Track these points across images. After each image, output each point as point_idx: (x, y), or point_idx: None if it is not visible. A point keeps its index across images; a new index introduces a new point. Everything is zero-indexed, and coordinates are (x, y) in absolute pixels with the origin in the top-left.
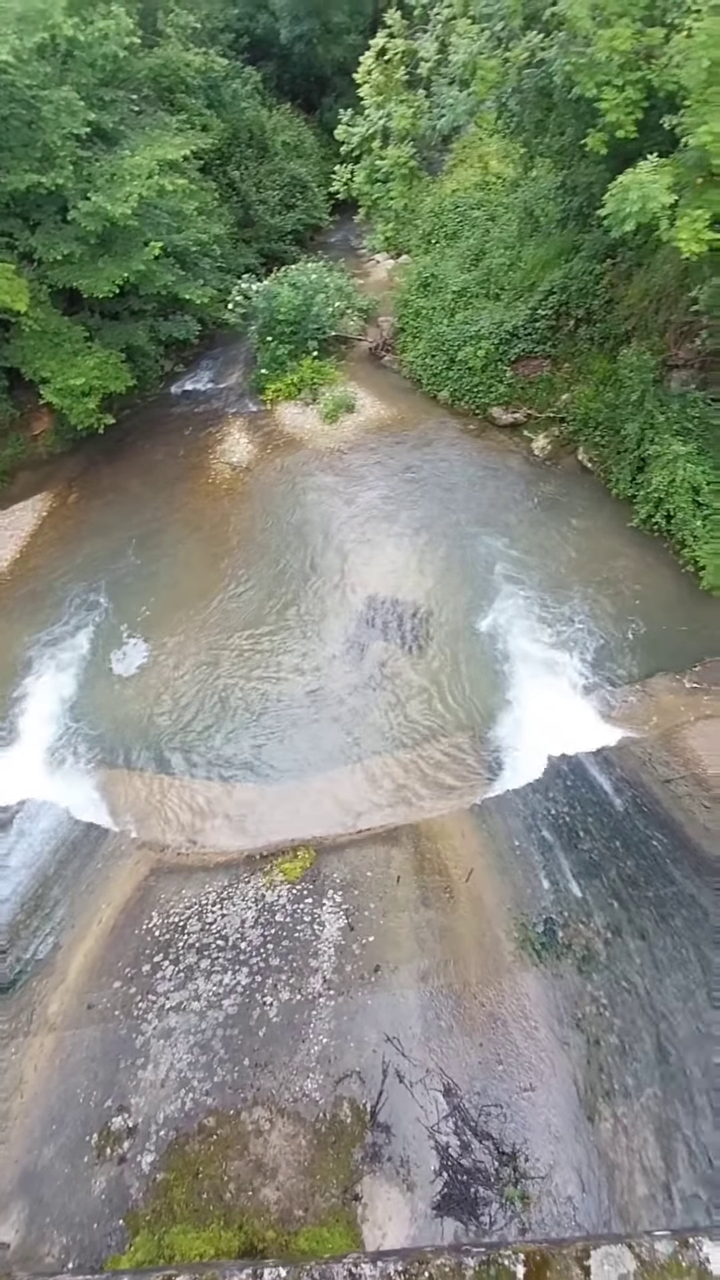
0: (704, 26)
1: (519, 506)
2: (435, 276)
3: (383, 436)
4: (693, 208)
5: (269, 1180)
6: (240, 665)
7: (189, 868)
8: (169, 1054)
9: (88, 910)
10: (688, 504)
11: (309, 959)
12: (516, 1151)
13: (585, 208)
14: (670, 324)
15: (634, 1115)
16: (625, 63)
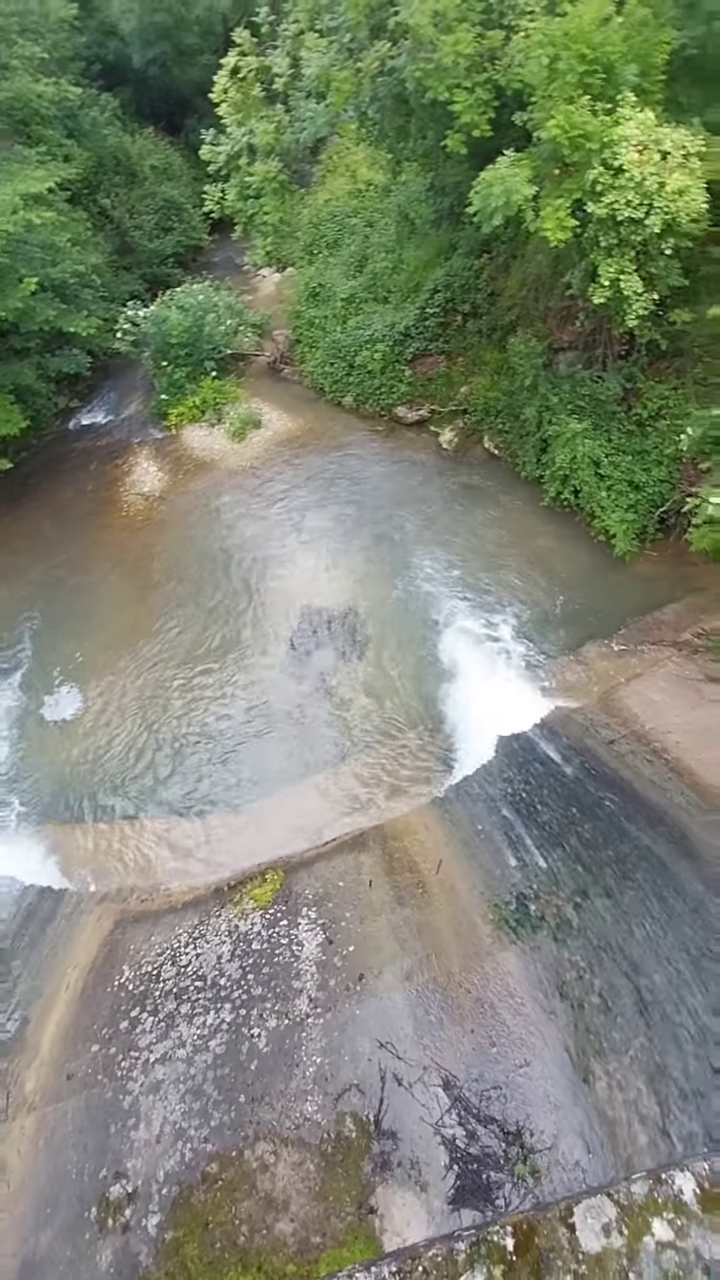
0: (538, 27)
1: (435, 500)
2: (323, 286)
3: (293, 448)
4: (553, 198)
5: (281, 1214)
6: (181, 697)
7: (156, 912)
8: (160, 1108)
9: (53, 977)
10: (591, 478)
11: (291, 981)
12: (521, 1129)
13: (456, 206)
14: (550, 310)
15: (625, 1069)
16: (471, 65)
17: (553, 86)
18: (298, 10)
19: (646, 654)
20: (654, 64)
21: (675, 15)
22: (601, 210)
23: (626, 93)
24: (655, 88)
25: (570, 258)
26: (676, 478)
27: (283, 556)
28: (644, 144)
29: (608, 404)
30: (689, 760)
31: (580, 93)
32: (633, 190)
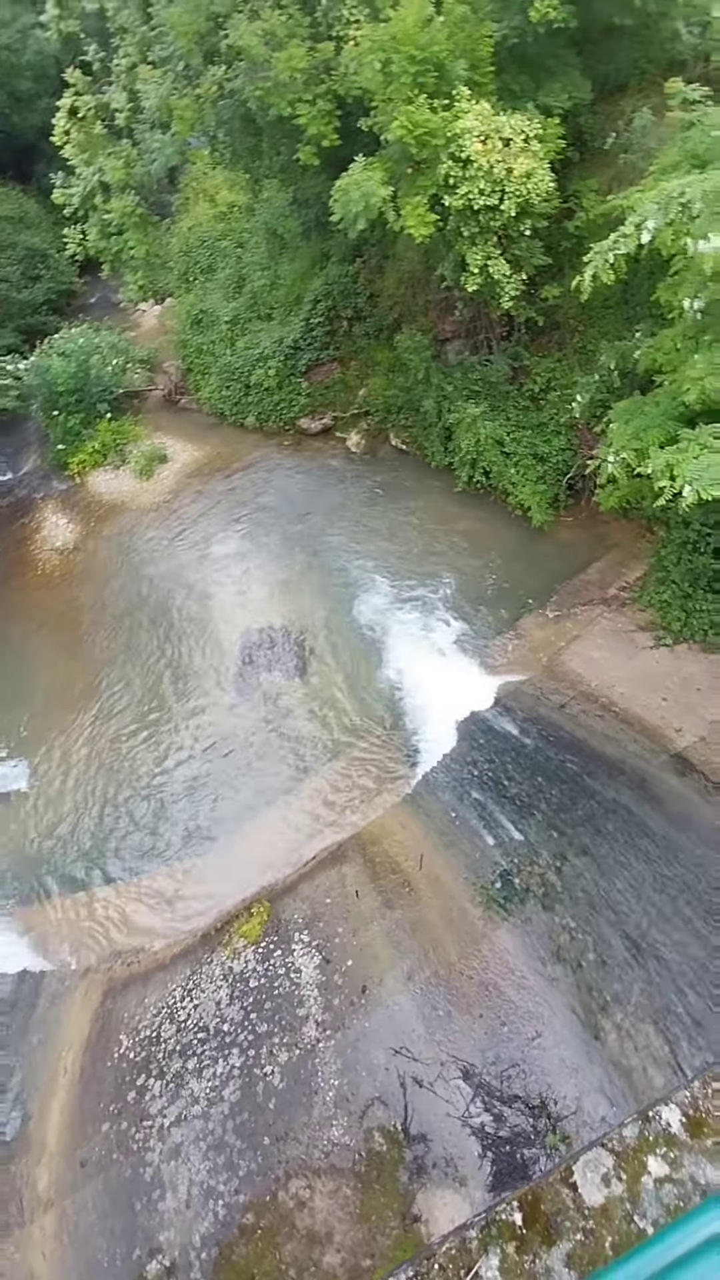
0: (365, 34)
1: (353, 504)
2: (205, 312)
3: (204, 476)
4: (410, 196)
5: (326, 1247)
6: (132, 749)
7: (144, 974)
8: (184, 1171)
9: (48, 1064)
10: (497, 457)
11: (295, 1010)
12: (545, 1100)
13: (321, 217)
14: (430, 303)
15: (631, 1017)
16: (308, 78)
17: (390, 89)
18: (127, 45)
19: (580, 615)
20: (481, 57)
21: (493, 9)
22: (458, 202)
23: (460, 87)
24: (486, 79)
25: (438, 251)
26: (575, 444)
27: (212, 585)
28: (485, 134)
29: (500, 385)
30: (635, 708)
31: (417, 92)
32: (483, 179)
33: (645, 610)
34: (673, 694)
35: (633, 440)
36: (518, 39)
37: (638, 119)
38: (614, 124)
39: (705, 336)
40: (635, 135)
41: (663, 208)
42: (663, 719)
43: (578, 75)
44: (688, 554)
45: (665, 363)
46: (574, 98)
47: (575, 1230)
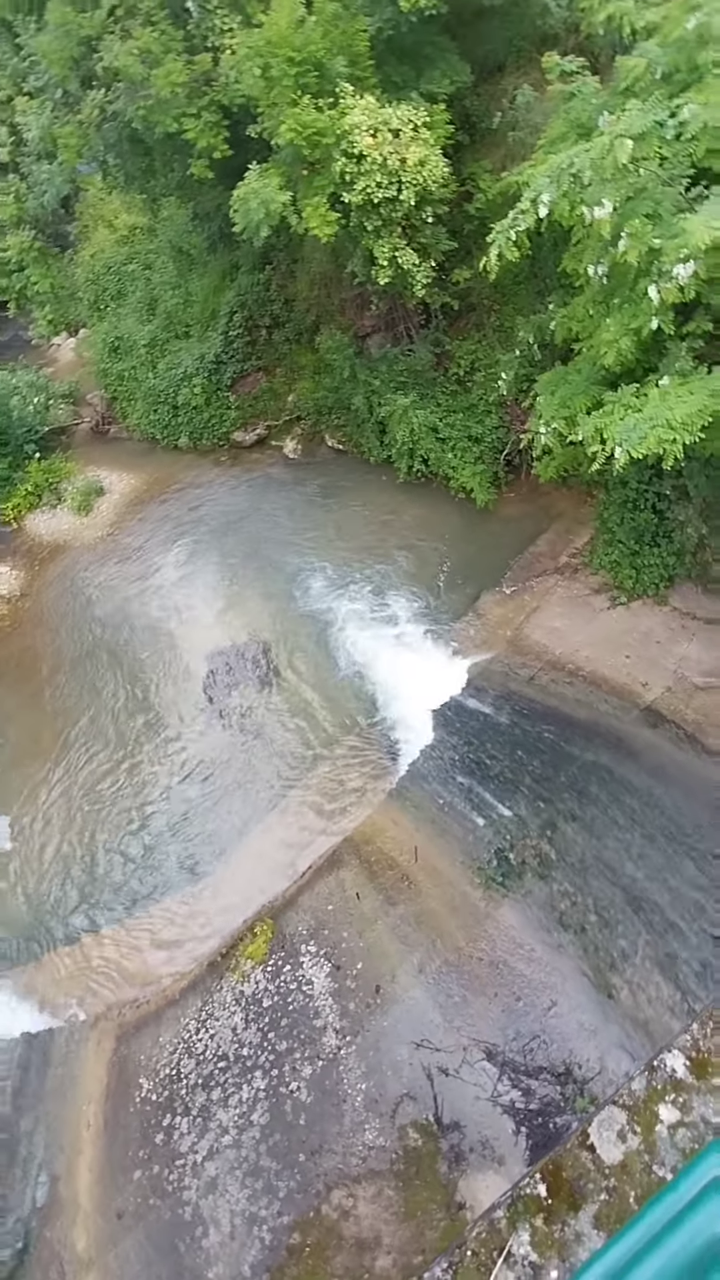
0: (241, 42)
1: (298, 510)
2: (121, 338)
3: (144, 504)
4: (309, 197)
5: (376, 1251)
6: (111, 791)
7: (155, 1013)
8: (224, 1204)
9: (69, 1122)
10: (433, 444)
11: (312, 1021)
12: (569, 1066)
13: (224, 228)
14: (345, 301)
15: (639, 970)
16: (190, 92)
17: (273, 94)
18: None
19: (536, 587)
20: (359, 52)
21: (364, 3)
22: (357, 198)
23: (343, 84)
24: (367, 73)
25: (346, 248)
26: (507, 421)
27: (167, 613)
28: (374, 127)
29: (425, 373)
30: (601, 670)
31: (300, 94)
32: (379, 172)
33: (597, 573)
34: (635, 650)
35: (561, 409)
36: (392, 30)
37: (520, 96)
38: (498, 103)
39: (614, 300)
40: (520, 112)
41: (555, 180)
42: (629, 676)
43: (456, 60)
44: (629, 512)
45: (580, 330)
46: (455, 82)
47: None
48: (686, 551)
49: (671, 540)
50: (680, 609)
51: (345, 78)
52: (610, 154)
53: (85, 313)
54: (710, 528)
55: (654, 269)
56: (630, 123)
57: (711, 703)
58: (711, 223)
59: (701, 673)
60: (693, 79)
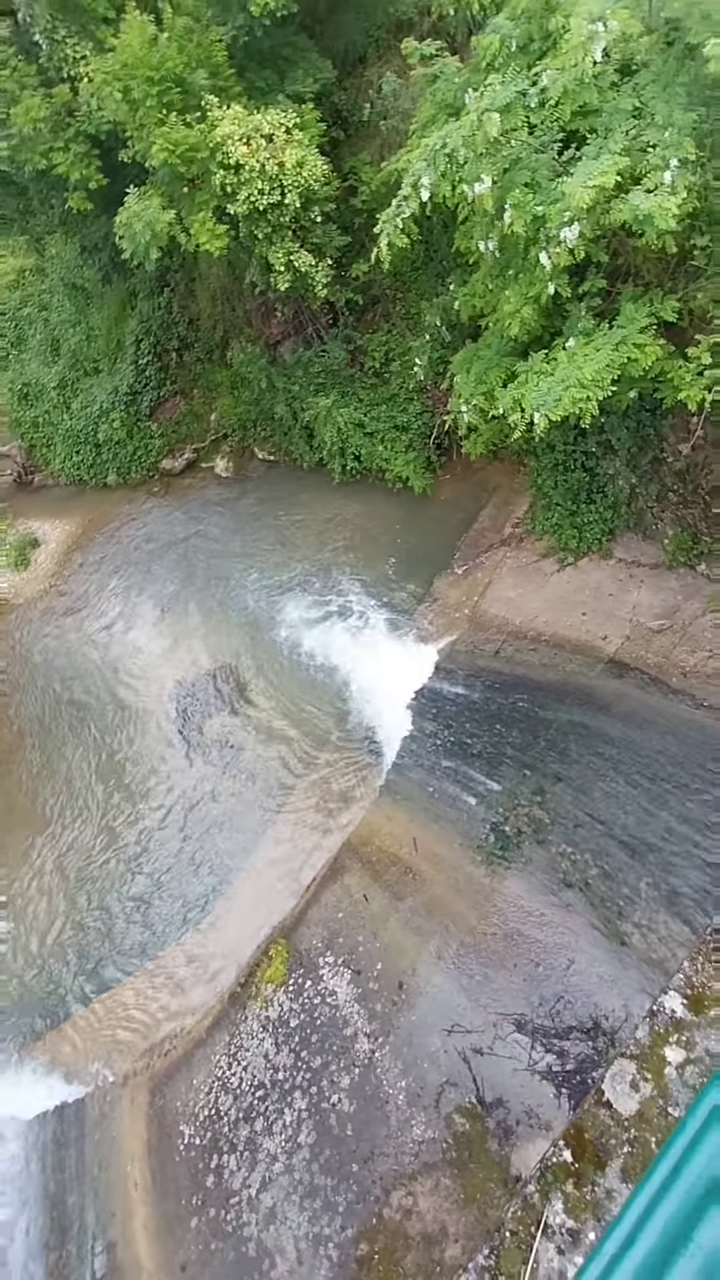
0: (97, 68)
1: (240, 527)
2: (28, 384)
3: (83, 549)
4: (193, 213)
5: (444, 1242)
6: (99, 846)
7: (184, 1056)
8: (286, 1231)
9: (116, 1186)
10: (362, 440)
11: (343, 1031)
12: (596, 1020)
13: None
14: (250, 312)
15: (646, 913)
16: (54, 126)
17: (139, 116)
18: None
19: (486, 563)
20: (218, 62)
21: (214, 13)
22: (241, 207)
23: (207, 96)
24: (230, 83)
25: (241, 259)
26: (430, 406)
27: (127, 652)
28: (247, 135)
29: (342, 371)
30: (561, 631)
31: (166, 113)
32: (259, 179)
33: (542, 539)
34: (589, 607)
35: (478, 386)
36: (248, 36)
37: (385, 85)
38: (366, 95)
39: (509, 272)
40: (388, 101)
41: (431, 163)
42: (588, 632)
43: (316, 57)
44: (561, 475)
45: (483, 306)
46: (319, 80)
47: (621, 1145)
48: (621, 503)
49: (605, 495)
50: (625, 559)
51: (209, 90)
52: (480, 129)
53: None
54: (639, 476)
55: (541, 236)
56: (494, 97)
57: (669, 643)
58: (588, 183)
59: (654, 616)
60: (547, 46)
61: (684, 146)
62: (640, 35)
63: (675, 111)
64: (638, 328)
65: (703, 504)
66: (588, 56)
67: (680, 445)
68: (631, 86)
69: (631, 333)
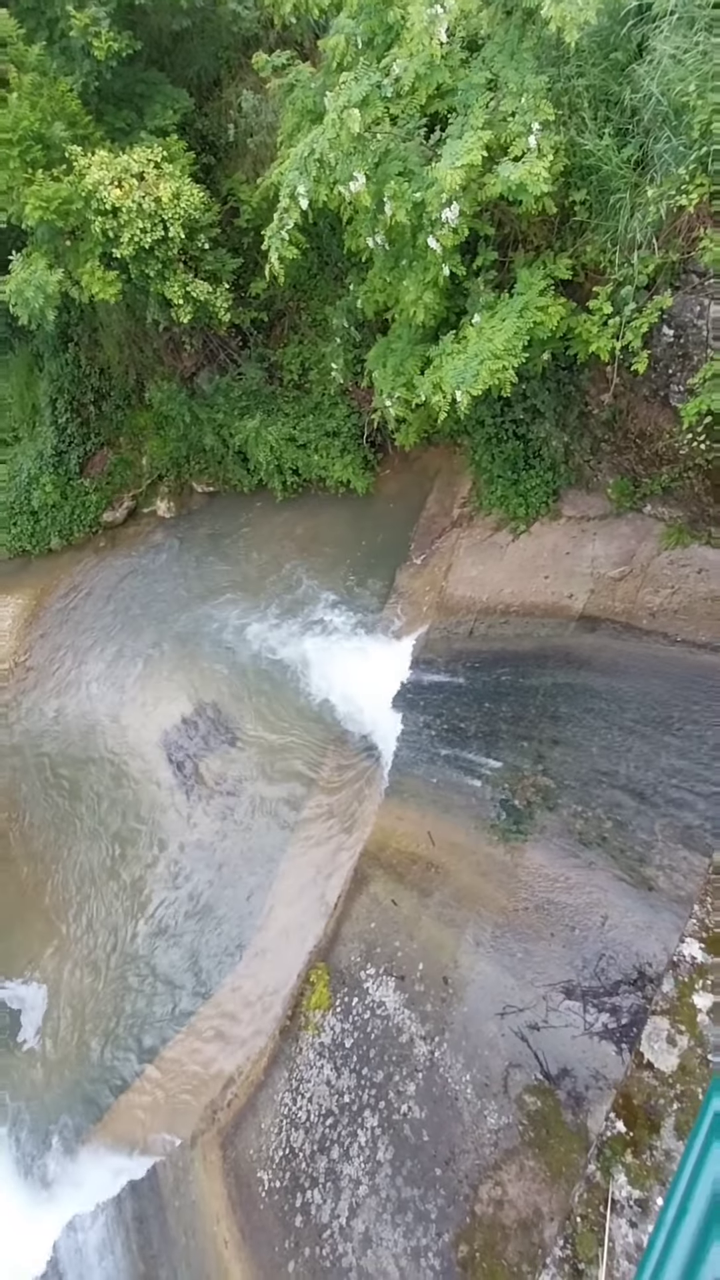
0: None
1: (192, 567)
2: None
3: (40, 619)
4: (80, 265)
5: (541, 1223)
6: (117, 920)
7: (248, 1103)
8: (384, 1252)
9: (206, 1249)
10: (296, 453)
11: (398, 1039)
12: (640, 970)
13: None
14: (158, 350)
15: (665, 853)
16: None
17: (4, 179)
18: None
19: (441, 548)
20: (73, 112)
21: (59, 64)
22: (127, 250)
23: (70, 147)
24: (90, 130)
25: (138, 301)
26: (356, 406)
27: (107, 713)
28: (117, 178)
29: (262, 390)
30: (528, 598)
31: (31, 171)
32: (139, 218)
33: (491, 513)
34: (550, 569)
35: (396, 378)
36: (98, 81)
37: (244, 103)
38: (228, 116)
39: (402, 262)
40: (250, 118)
41: (303, 171)
42: (554, 594)
43: (171, 89)
44: (496, 447)
45: (385, 299)
46: (178, 110)
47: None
48: (558, 463)
49: (542, 458)
50: (574, 516)
51: (70, 140)
52: (343, 129)
53: None
54: (570, 434)
55: (425, 221)
56: (350, 93)
57: (632, 588)
58: (456, 163)
59: (613, 565)
60: (391, 38)
61: (542, 109)
62: (479, 10)
63: (527, 77)
64: (536, 291)
65: (635, 448)
66: (433, 40)
67: (602, 396)
68: (480, 60)
69: (532, 297)
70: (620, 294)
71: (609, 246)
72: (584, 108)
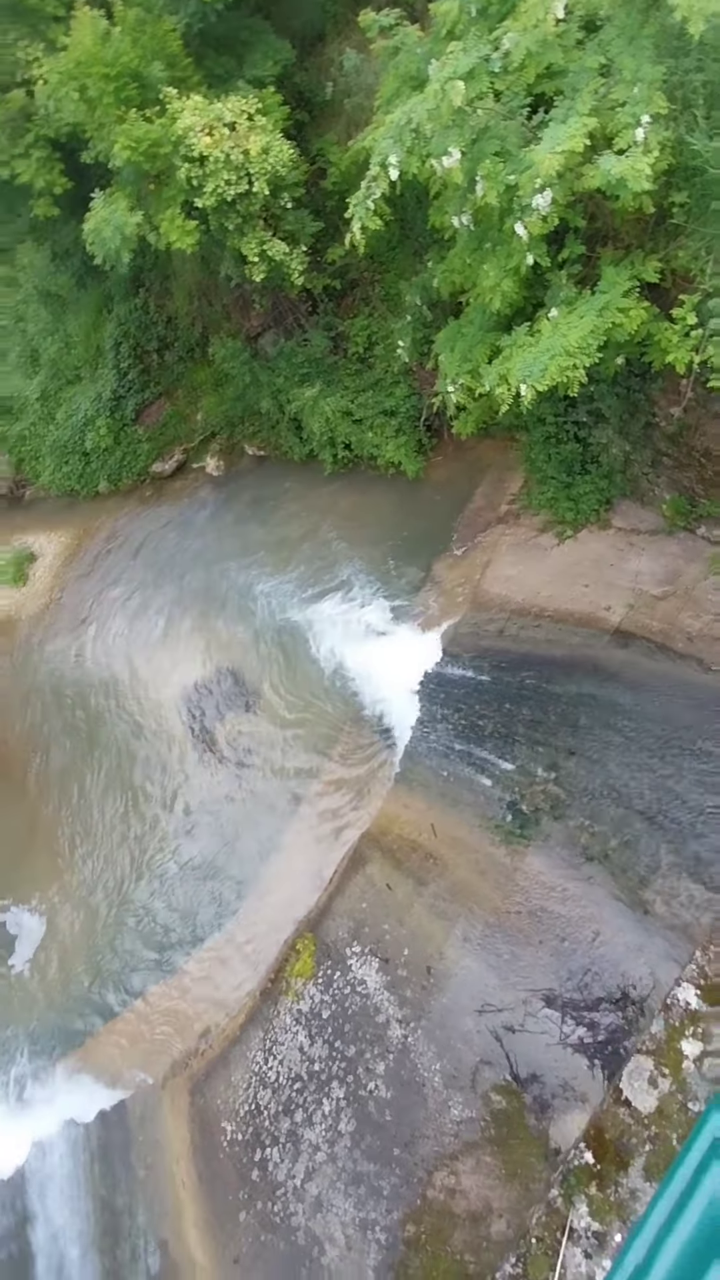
0: (50, 69)
1: (233, 528)
2: (10, 398)
3: (80, 560)
4: (161, 211)
5: (490, 1218)
6: (124, 857)
7: (221, 1055)
8: (333, 1218)
9: (163, 1185)
10: (351, 428)
11: (375, 1019)
12: (624, 990)
13: (87, 262)
14: (227, 306)
15: (668, 879)
16: (12, 132)
17: (97, 115)
18: None
19: (484, 542)
20: (174, 53)
21: (165, 3)
22: (209, 200)
23: (165, 89)
24: (188, 72)
25: (214, 253)
26: (416, 388)
27: (133, 661)
28: (209, 125)
29: (325, 359)
30: (564, 605)
31: (124, 109)
32: (225, 169)
33: (538, 514)
34: (591, 578)
35: (463, 364)
36: (202, 23)
37: (346, 61)
38: (328, 74)
39: (486, 245)
40: (351, 78)
41: (397, 140)
42: (591, 604)
43: (274, 39)
44: (554, 447)
45: (463, 281)
46: (279, 62)
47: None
48: (615, 472)
49: (599, 464)
50: (623, 528)
51: (166, 82)
52: (444, 100)
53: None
54: (632, 444)
55: (515, 206)
56: (456, 64)
57: (672, 608)
58: (556, 149)
59: (656, 583)
60: (506, 9)
61: (654, 101)
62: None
63: (643, 65)
64: (620, 291)
65: (697, 466)
66: (549, 15)
67: (671, 409)
68: (596, 43)
69: (614, 297)
70: (708, 305)
71: (703, 254)
72: (698, 105)
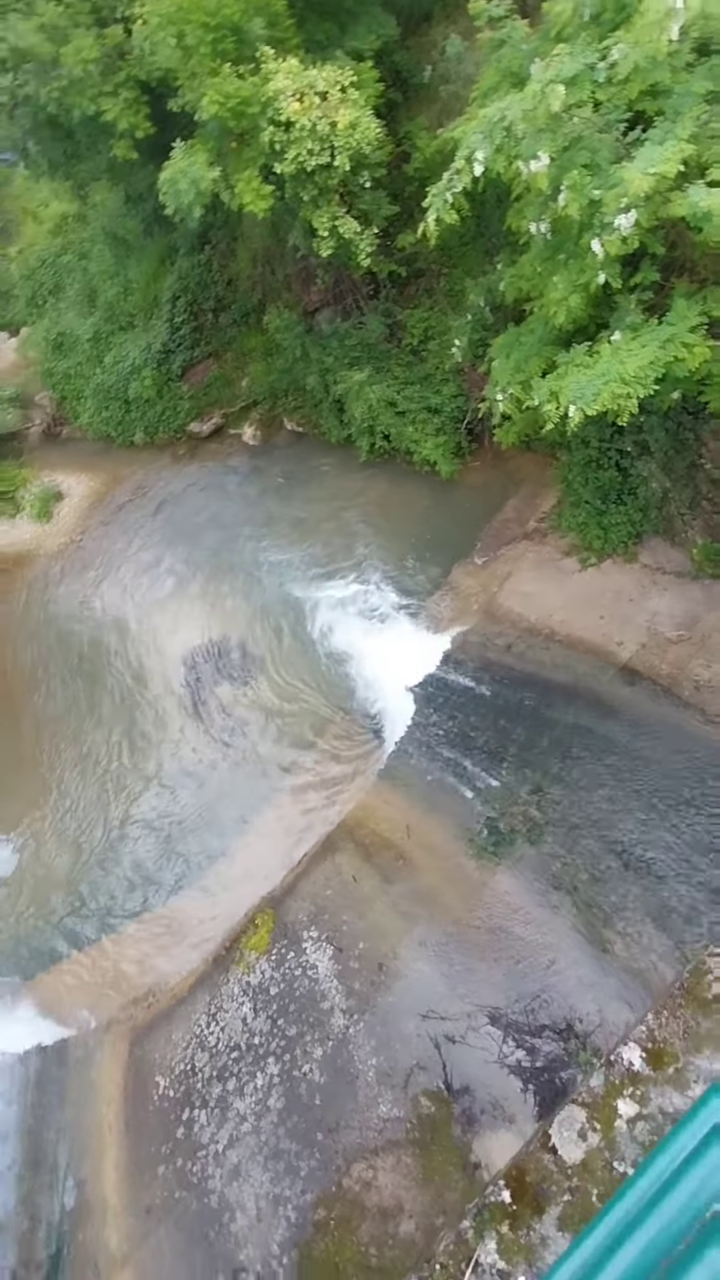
0: (152, 10)
1: (261, 499)
2: (63, 334)
3: (105, 506)
4: (239, 171)
5: (399, 1217)
6: (104, 801)
7: (166, 1011)
8: (248, 1189)
9: (91, 1126)
10: (392, 419)
11: (320, 1004)
12: (570, 1021)
13: (158, 210)
14: (289, 277)
15: (632, 922)
16: (105, 69)
17: (191, 64)
18: None
19: (506, 555)
20: (277, 12)
21: None
22: (289, 167)
23: (263, 48)
24: (288, 34)
25: (284, 221)
26: (465, 389)
27: (141, 614)
28: (300, 91)
29: (378, 345)
30: (577, 632)
31: (219, 62)
32: (309, 139)
33: (566, 536)
34: (608, 610)
35: (516, 374)
36: None
37: (449, 47)
38: (428, 56)
39: (559, 256)
40: (451, 64)
41: (488, 136)
42: (604, 636)
43: (380, 12)
44: (593, 472)
45: (530, 289)
46: (381, 37)
47: (562, 1193)
48: (651, 506)
49: (636, 496)
50: (650, 565)
51: (265, 40)
52: (542, 102)
53: (23, 311)
54: (673, 481)
55: (596, 221)
56: (560, 68)
57: (684, 654)
58: (648, 169)
59: (673, 626)
60: (620, 19)
61: None
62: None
63: None
64: (688, 326)
65: None
66: (664, 34)
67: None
68: (708, 69)
69: (681, 331)
70: None
71: None
72: None
